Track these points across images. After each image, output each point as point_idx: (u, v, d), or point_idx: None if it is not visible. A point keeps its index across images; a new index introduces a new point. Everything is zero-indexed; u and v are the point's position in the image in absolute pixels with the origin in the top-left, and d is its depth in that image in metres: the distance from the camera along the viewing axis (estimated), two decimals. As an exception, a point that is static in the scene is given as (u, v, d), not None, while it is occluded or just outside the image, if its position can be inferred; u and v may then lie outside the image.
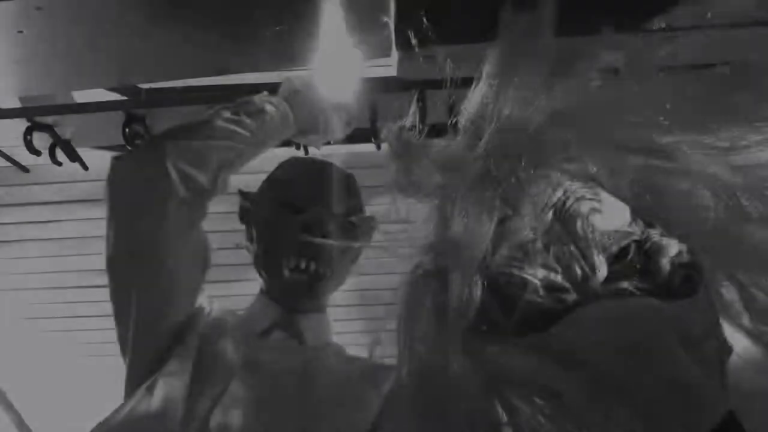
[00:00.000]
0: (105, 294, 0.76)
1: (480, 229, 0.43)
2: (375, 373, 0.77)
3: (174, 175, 0.72)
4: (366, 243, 0.89)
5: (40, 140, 0.99)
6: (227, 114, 0.78)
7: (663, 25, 0.56)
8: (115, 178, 0.76)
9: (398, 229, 0.51)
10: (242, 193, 0.96)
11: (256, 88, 0.90)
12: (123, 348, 0.77)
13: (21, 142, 0.96)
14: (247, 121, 0.79)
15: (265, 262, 0.86)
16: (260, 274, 0.88)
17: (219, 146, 0.76)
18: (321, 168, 0.92)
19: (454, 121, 0.53)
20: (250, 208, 0.93)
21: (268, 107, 0.81)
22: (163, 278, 0.74)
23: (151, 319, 0.75)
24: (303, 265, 0.82)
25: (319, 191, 0.87)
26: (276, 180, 0.93)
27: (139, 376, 0.74)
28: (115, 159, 0.80)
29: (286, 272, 0.82)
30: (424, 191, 0.49)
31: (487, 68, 0.51)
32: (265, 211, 0.88)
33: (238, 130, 0.77)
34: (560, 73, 0.50)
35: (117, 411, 0.68)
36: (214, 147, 0.75)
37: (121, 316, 0.76)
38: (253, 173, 0.92)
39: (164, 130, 0.78)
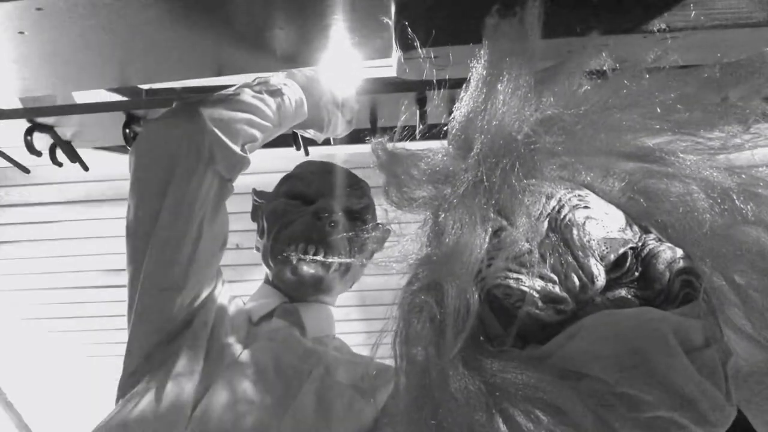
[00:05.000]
0: (105, 294, 0.76)
1: (474, 240, 0.42)
2: (372, 376, 0.76)
3: (208, 138, 0.72)
4: (377, 248, 0.89)
5: (41, 141, 0.99)
6: (251, 91, 0.80)
7: (656, 27, 0.56)
8: (149, 137, 0.76)
9: (391, 242, 0.51)
10: (256, 192, 0.97)
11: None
12: (129, 315, 0.75)
13: (21, 142, 0.96)
14: (269, 99, 0.80)
15: (274, 251, 0.85)
16: (269, 266, 0.88)
17: (246, 119, 0.77)
18: (335, 169, 0.94)
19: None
20: (262, 204, 0.94)
21: (285, 89, 0.83)
22: (184, 248, 0.73)
23: (165, 288, 0.73)
24: (311, 251, 0.82)
25: (331, 186, 0.89)
26: (291, 176, 0.95)
27: (141, 348, 0.73)
28: (148, 121, 0.83)
29: (295, 260, 0.82)
30: (416, 203, 0.48)
31: (475, 73, 0.50)
32: (278, 202, 0.90)
33: (261, 107, 0.79)
34: (549, 78, 0.49)
35: (123, 410, 0.66)
36: (242, 120, 0.76)
37: (135, 281, 0.74)
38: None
39: (193, 99, 0.78)
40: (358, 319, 2.30)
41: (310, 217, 0.85)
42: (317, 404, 0.70)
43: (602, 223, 0.45)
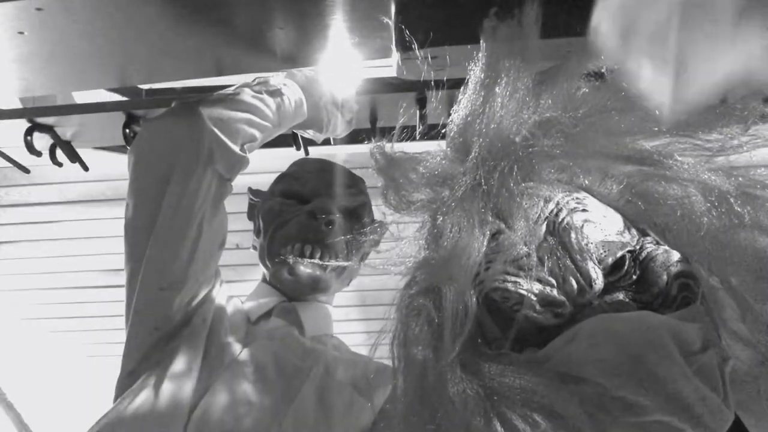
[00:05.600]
0: (105, 294, 0.76)
1: (472, 244, 0.42)
2: (370, 376, 0.76)
3: (208, 137, 0.72)
4: (373, 247, 0.89)
5: (41, 141, 0.99)
6: (251, 91, 0.80)
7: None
8: (148, 136, 0.76)
9: (389, 245, 0.51)
10: (252, 191, 0.97)
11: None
12: (128, 314, 0.75)
13: (21, 142, 0.96)
14: (269, 99, 0.80)
15: (271, 251, 0.86)
16: (265, 266, 0.88)
17: (245, 119, 0.77)
18: (331, 166, 0.94)
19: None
20: (258, 203, 0.94)
21: (285, 89, 0.83)
22: (183, 248, 0.72)
23: (164, 287, 0.73)
24: (308, 252, 0.82)
25: (326, 185, 0.89)
26: (286, 174, 0.95)
27: (139, 347, 0.73)
28: (147, 120, 0.81)
29: (291, 259, 0.82)
30: (414, 206, 0.48)
31: (473, 76, 0.50)
32: (274, 202, 0.90)
33: (261, 107, 0.79)
34: (547, 80, 0.49)
35: (119, 405, 0.66)
36: (242, 119, 0.76)
37: (133, 280, 0.74)
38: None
39: (193, 99, 0.78)
40: (357, 319, 2.30)
41: (306, 217, 0.85)
42: (317, 404, 0.70)
43: (600, 226, 0.45)
